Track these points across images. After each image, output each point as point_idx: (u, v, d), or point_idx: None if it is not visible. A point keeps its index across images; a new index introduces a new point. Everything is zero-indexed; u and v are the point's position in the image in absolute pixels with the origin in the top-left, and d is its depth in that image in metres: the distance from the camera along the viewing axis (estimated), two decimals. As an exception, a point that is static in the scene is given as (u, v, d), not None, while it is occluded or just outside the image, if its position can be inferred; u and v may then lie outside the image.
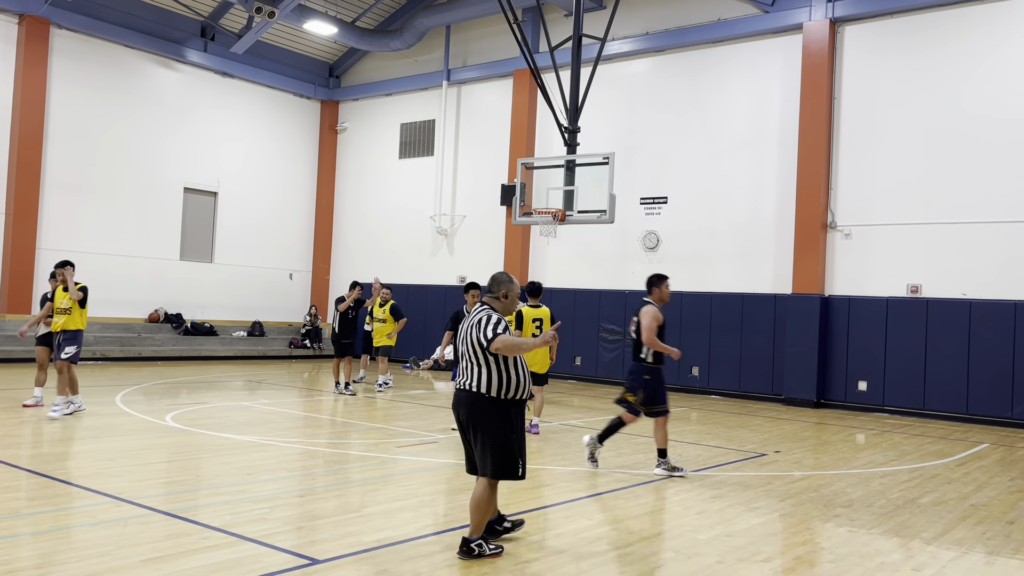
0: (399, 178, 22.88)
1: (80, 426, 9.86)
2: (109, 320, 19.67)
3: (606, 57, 17.90)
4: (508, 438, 5.36)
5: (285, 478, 7.77)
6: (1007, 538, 6.46)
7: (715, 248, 17.28)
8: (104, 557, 5.04)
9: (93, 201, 19.53)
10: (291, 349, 22.72)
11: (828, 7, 15.85)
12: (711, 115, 17.50)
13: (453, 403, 5.60)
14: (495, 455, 5.31)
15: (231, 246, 22.31)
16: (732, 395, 16.66)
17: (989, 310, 14.03)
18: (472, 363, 5.40)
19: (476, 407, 5.35)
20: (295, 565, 5.03)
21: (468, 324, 5.48)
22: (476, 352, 5.35)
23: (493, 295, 5.64)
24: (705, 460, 9.39)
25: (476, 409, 5.35)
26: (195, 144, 21.50)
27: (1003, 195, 14.20)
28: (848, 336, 15.48)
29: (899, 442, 11.56)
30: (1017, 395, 13.72)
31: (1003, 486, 8.55)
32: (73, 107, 19.16)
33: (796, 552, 5.94)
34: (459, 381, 5.52)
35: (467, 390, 5.41)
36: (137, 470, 7.63)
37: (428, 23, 20.85)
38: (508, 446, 5.34)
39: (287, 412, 12.13)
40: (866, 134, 15.65)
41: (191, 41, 21.10)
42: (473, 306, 9.73)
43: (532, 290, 11.10)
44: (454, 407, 5.57)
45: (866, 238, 15.57)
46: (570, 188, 13.99)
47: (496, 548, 5.42)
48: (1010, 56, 14.29)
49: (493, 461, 5.32)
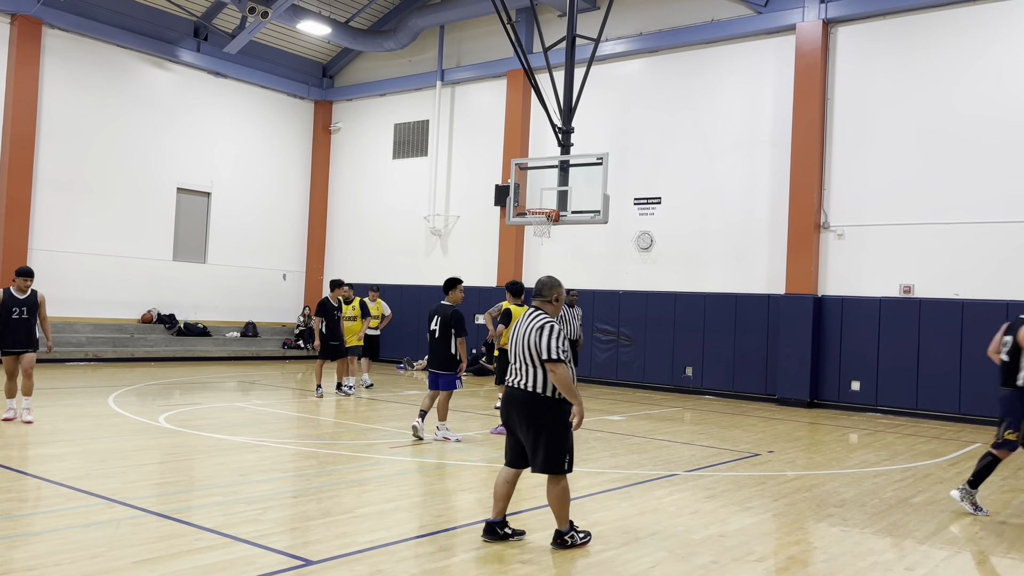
0: (393, 178, 22.86)
1: (73, 427, 9.82)
2: (102, 321, 19.61)
3: (600, 57, 17.91)
4: (562, 435, 5.60)
5: (279, 479, 7.76)
6: (999, 537, 6.49)
7: (708, 248, 17.31)
8: (97, 559, 5.02)
9: (86, 201, 19.46)
10: (285, 350, 22.68)
11: (821, 8, 15.89)
12: (705, 116, 17.54)
13: (504, 401, 5.78)
14: (547, 451, 5.54)
15: (224, 246, 22.26)
16: (725, 395, 16.69)
17: (981, 310, 14.08)
18: (528, 365, 5.61)
19: (532, 406, 5.57)
20: (289, 566, 5.02)
21: (527, 328, 5.66)
22: (534, 357, 5.57)
23: (544, 299, 5.84)
24: (699, 460, 9.40)
25: (532, 408, 5.57)
26: (188, 144, 21.44)
27: (995, 195, 14.26)
28: (841, 336, 15.53)
29: (892, 442, 11.60)
30: (1009, 395, 13.76)
31: (995, 485, 8.58)
32: (66, 107, 19.09)
33: (789, 552, 5.95)
34: (511, 380, 5.73)
35: (522, 389, 5.62)
36: (130, 471, 7.61)
37: (422, 23, 20.84)
38: (562, 443, 5.59)
39: (281, 413, 12.11)
40: (859, 135, 15.70)
41: (184, 41, 21.04)
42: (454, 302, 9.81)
43: (515, 290, 11.10)
44: (505, 405, 5.75)
45: (859, 238, 15.61)
46: (564, 188, 13.99)
47: (585, 536, 5.75)
48: (1002, 57, 14.36)
49: (544, 457, 5.55)
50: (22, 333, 9.88)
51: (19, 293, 9.90)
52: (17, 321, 9.86)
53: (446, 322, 9.78)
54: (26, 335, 9.90)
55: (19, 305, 9.87)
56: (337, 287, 14.32)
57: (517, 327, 5.78)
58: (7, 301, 9.84)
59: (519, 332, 5.72)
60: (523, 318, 5.78)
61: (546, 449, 5.54)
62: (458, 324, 9.79)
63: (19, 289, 9.90)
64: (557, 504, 5.63)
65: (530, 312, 5.79)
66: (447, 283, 10.01)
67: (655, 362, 17.61)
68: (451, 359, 9.82)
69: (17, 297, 9.88)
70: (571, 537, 5.65)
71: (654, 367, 17.61)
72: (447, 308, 9.90)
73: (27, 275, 10.00)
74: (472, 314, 20.58)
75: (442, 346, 9.79)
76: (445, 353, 9.80)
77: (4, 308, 9.80)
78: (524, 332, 5.66)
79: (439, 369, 9.86)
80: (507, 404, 5.74)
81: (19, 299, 9.89)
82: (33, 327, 10.00)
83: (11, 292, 9.88)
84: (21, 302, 9.90)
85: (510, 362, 5.79)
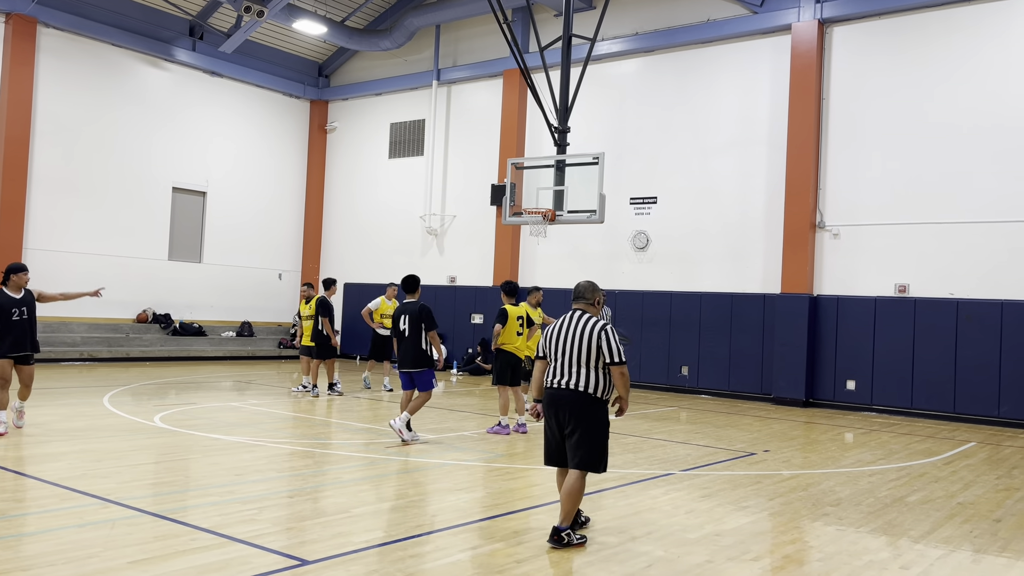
0: (389, 178, 22.85)
1: (68, 427, 9.80)
2: (97, 320, 19.57)
3: (596, 57, 17.92)
4: (606, 436, 5.83)
5: (274, 479, 7.75)
6: (994, 536, 6.51)
7: (704, 248, 17.33)
8: (92, 559, 5.01)
9: (81, 201, 19.41)
10: (280, 349, 22.65)
11: (816, 8, 15.92)
12: (700, 115, 17.55)
13: (549, 400, 5.84)
14: (589, 450, 5.70)
15: (220, 246, 22.23)
16: (721, 394, 16.71)
17: (976, 310, 14.12)
18: (579, 366, 5.72)
19: (581, 406, 5.71)
20: (284, 566, 5.02)
21: (578, 330, 5.76)
22: (591, 357, 5.70)
23: (588, 301, 5.98)
24: (695, 459, 9.41)
25: (581, 408, 5.71)
26: (184, 144, 21.40)
27: (991, 195, 14.29)
28: (836, 335, 15.56)
29: (887, 441, 11.62)
30: (1004, 394, 13.82)
31: (990, 484, 8.60)
32: (61, 106, 19.04)
33: (785, 551, 5.96)
34: (555, 381, 5.80)
35: (571, 390, 5.73)
36: (125, 471, 7.60)
37: (418, 23, 20.82)
38: (604, 443, 5.82)
39: (276, 413, 12.10)
40: (854, 134, 15.73)
41: (179, 40, 21.00)
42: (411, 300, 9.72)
43: (509, 290, 11.08)
44: (551, 404, 5.83)
45: (854, 238, 15.64)
46: (560, 188, 14.00)
47: (581, 538, 5.77)
48: (996, 57, 14.39)
49: (585, 455, 5.70)
50: (26, 335, 9.22)
51: (15, 292, 9.25)
52: (19, 323, 9.15)
53: (415, 319, 9.60)
54: (30, 337, 9.27)
55: (18, 305, 9.19)
56: (331, 286, 14.39)
57: (560, 329, 5.85)
58: (4, 303, 9.12)
59: (566, 334, 5.79)
60: (569, 321, 5.85)
61: (589, 448, 5.69)
62: (428, 318, 9.60)
63: (15, 288, 9.26)
64: (571, 500, 5.69)
65: (576, 315, 5.86)
66: (410, 281, 9.86)
67: (651, 361, 17.62)
68: (424, 356, 9.63)
69: (14, 297, 9.20)
70: (568, 535, 5.67)
71: (650, 366, 17.62)
72: (414, 304, 9.71)
73: (22, 270, 9.32)
74: (468, 313, 20.59)
75: (414, 344, 9.60)
76: (417, 351, 9.61)
77: (3, 311, 9.10)
78: (575, 334, 5.75)
79: (413, 368, 9.64)
80: (553, 404, 5.80)
81: (16, 299, 9.20)
82: (35, 328, 9.37)
83: (6, 293, 9.21)
84: (19, 302, 9.22)
85: (550, 363, 5.86)
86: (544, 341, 5.94)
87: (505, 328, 10.70)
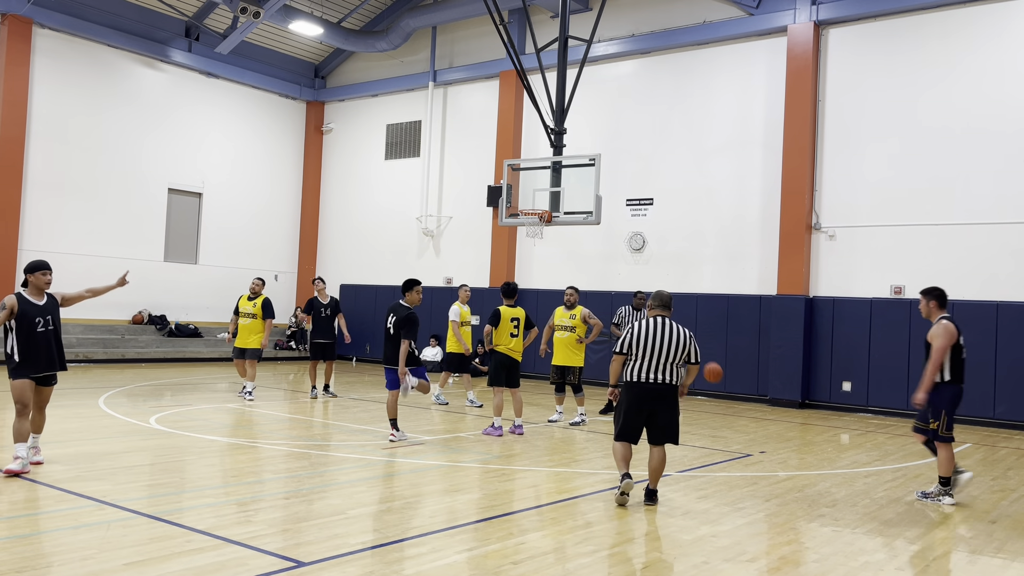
0: (385, 179, 22.83)
1: (63, 429, 9.76)
2: (92, 322, 19.52)
3: (592, 59, 17.93)
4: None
5: (270, 480, 7.74)
6: (989, 537, 6.52)
7: (700, 249, 17.34)
8: (87, 561, 5.00)
9: (76, 202, 19.37)
10: (276, 351, 22.62)
11: (812, 10, 15.95)
12: (697, 117, 17.57)
13: (644, 394, 7.01)
14: (675, 429, 7.17)
15: (216, 247, 22.19)
16: (717, 396, 16.72)
17: (971, 311, 14.14)
18: (673, 364, 7.06)
19: (674, 397, 7.14)
20: (280, 568, 5.01)
21: (677, 335, 7.06)
22: (679, 358, 7.07)
23: (670, 310, 7.24)
24: (691, 461, 9.42)
25: (672, 399, 7.12)
26: (179, 145, 21.36)
27: (986, 197, 14.32)
28: (832, 337, 15.58)
29: (883, 442, 11.64)
30: (999, 395, 13.85)
31: (985, 485, 8.62)
32: (56, 107, 19.00)
33: (781, 552, 5.97)
34: (653, 376, 7.00)
35: (668, 384, 7.06)
36: (120, 473, 7.58)
37: (414, 24, 20.82)
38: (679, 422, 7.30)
39: (272, 414, 12.08)
40: (850, 136, 15.75)
41: (175, 41, 20.97)
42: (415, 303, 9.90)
43: (507, 291, 11.13)
44: (647, 397, 7.03)
45: (850, 239, 15.67)
46: (556, 189, 14.01)
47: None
48: (990, 59, 14.42)
49: (673, 433, 7.15)
50: (53, 349, 7.54)
51: (37, 298, 7.52)
52: (43, 335, 7.46)
53: (399, 323, 9.76)
54: (58, 352, 7.61)
55: (42, 315, 7.46)
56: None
57: (654, 334, 7.00)
58: (27, 311, 7.38)
59: (663, 338, 6.99)
60: (660, 327, 7.03)
61: (675, 428, 7.15)
62: (408, 327, 9.67)
63: (36, 292, 7.54)
64: (663, 468, 7.16)
65: (666, 322, 7.10)
66: (405, 284, 10.07)
67: (647, 363, 17.58)
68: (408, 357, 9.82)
69: (37, 304, 7.47)
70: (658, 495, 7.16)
71: (646, 368, 17.58)
72: (403, 309, 9.85)
73: (42, 269, 7.59)
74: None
75: (395, 344, 9.80)
76: (396, 351, 9.78)
77: (25, 321, 7.37)
78: (672, 339, 7.02)
79: (388, 364, 9.90)
80: (649, 397, 7.02)
81: (39, 306, 7.48)
82: (61, 340, 7.73)
83: (27, 299, 7.46)
84: (43, 310, 7.50)
85: (638, 359, 7.00)
86: (634, 340, 7.01)
87: (498, 329, 10.75)
